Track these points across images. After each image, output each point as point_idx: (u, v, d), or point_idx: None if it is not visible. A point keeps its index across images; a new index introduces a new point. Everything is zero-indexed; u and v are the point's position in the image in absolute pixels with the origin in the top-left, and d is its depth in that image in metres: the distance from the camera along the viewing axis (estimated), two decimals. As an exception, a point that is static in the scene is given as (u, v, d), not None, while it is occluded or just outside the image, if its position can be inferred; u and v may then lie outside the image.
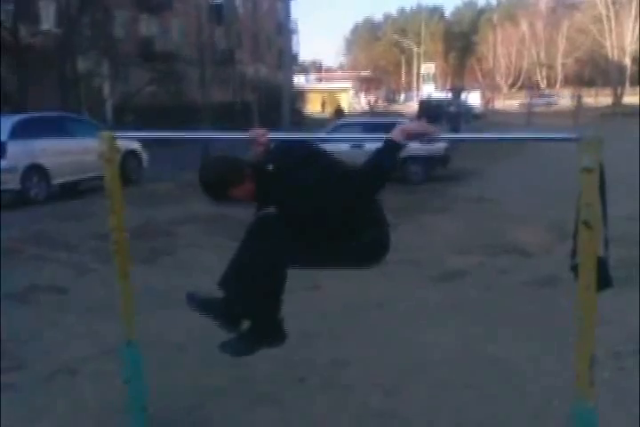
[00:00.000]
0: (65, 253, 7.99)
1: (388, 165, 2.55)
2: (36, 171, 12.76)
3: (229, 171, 2.64)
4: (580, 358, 2.36)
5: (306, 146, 2.87)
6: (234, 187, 2.64)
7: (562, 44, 76.34)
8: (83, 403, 3.98)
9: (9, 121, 13.08)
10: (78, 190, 14.10)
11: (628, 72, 63.19)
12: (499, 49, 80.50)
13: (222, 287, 2.91)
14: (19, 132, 12.65)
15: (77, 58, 27.51)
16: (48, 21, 27.64)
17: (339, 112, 44.95)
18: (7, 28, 21.60)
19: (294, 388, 4.15)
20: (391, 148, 2.53)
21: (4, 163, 12.14)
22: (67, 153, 13.38)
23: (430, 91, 64.66)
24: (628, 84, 63.20)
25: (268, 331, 2.88)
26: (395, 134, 2.53)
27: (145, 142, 15.63)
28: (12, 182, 12.29)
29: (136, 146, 15.36)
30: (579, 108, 38.41)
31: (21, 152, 12.47)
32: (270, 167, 2.67)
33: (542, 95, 64.14)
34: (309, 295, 6.01)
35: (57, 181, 13.41)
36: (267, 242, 2.67)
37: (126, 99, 30.01)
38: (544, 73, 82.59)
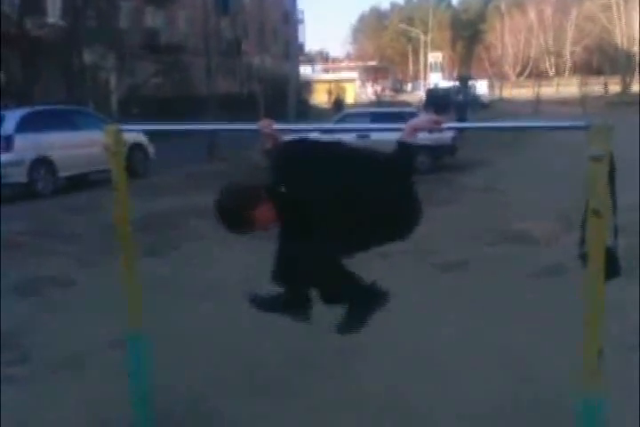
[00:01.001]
0: (71, 245, 8.02)
1: (405, 165, 2.55)
2: (42, 164, 12.81)
3: (245, 194, 2.58)
4: (587, 348, 2.34)
5: (312, 145, 2.77)
6: (253, 209, 2.55)
7: (570, 32, 75.74)
8: (88, 395, 3.99)
9: (16, 114, 13.13)
10: (85, 183, 14.12)
11: (637, 60, 62.69)
12: (506, 37, 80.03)
13: (278, 282, 2.89)
14: (25, 125, 12.69)
15: (83, 50, 27.49)
16: (54, 14, 27.60)
17: (338, 103, 42.62)
18: (13, 21, 21.58)
19: (299, 377, 4.15)
20: (405, 149, 2.52)
21: (11, 156, 12.18)
22: (73, 146, 13.40)
23: (437, 80, 64.42)
24: (637, 73, 62.71)
25: (364, 298, 2.84)
26: (406, 135, 2.51)
27: (151, 135, 15.63)
28: (19, 175, 12.33)
29: (142, 138, 15.35)
30: (586, 97, 38.23)
31: (28, 145, 12.51)
32: (283, 189, 2.60)
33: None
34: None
35: (63, 173, 13.44)
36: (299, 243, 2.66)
37: (132, 91, 30.00)
38: (552, 61, 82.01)
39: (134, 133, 14.34)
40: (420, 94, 52.75)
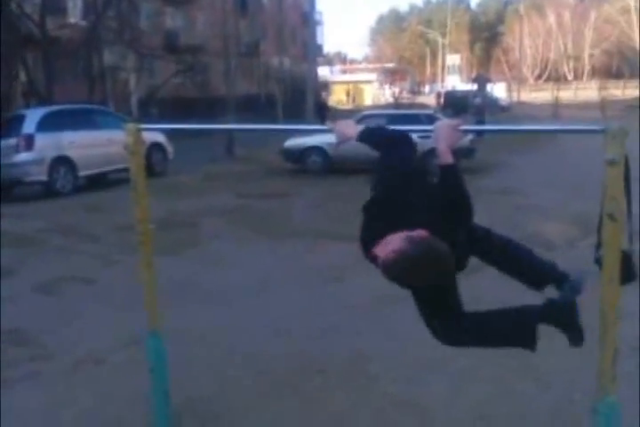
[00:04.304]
0: (91, 244, 8.09)
1: (457, 187, 2.45)
2: (62, 163, 12.92)
3: (438, 248, 2.35)
4: (604, 352, 2.34)
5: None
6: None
7: (589, 36, 75.15)
8: (108, 392, 4.04)
9: (36, 113, 13.27)
10: (104, 182, 14.23)
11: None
12: (525, 40, 79.45)
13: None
14: (46, 124, 12.81)
15: (103, 50, 27.69)
16: (75, 14, 27.85)
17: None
18: (34, 21, 21.77)
19: (314, 379, 4.17)
20: (448, 173, 2.42)
21: (32, 155, 12.31)
22: (93, 145, 13.51)
23: (455, 82, 64.15)
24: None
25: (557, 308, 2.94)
26: (443, 158, 2.40)
27: (170, 134, 15.72)
28: (40, 174, 12.46)
29: (161, 138, 15.44)
30: (605, 100, 37.90)
31: (49, 144, 12.64)
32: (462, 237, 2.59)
33: None
34: (334, 288, 6.03)
35: (83, 172, 13.55)
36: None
37: (152, 91, 30.18)
38: (571, 65, 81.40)
39: (153, 133, 14.45)
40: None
